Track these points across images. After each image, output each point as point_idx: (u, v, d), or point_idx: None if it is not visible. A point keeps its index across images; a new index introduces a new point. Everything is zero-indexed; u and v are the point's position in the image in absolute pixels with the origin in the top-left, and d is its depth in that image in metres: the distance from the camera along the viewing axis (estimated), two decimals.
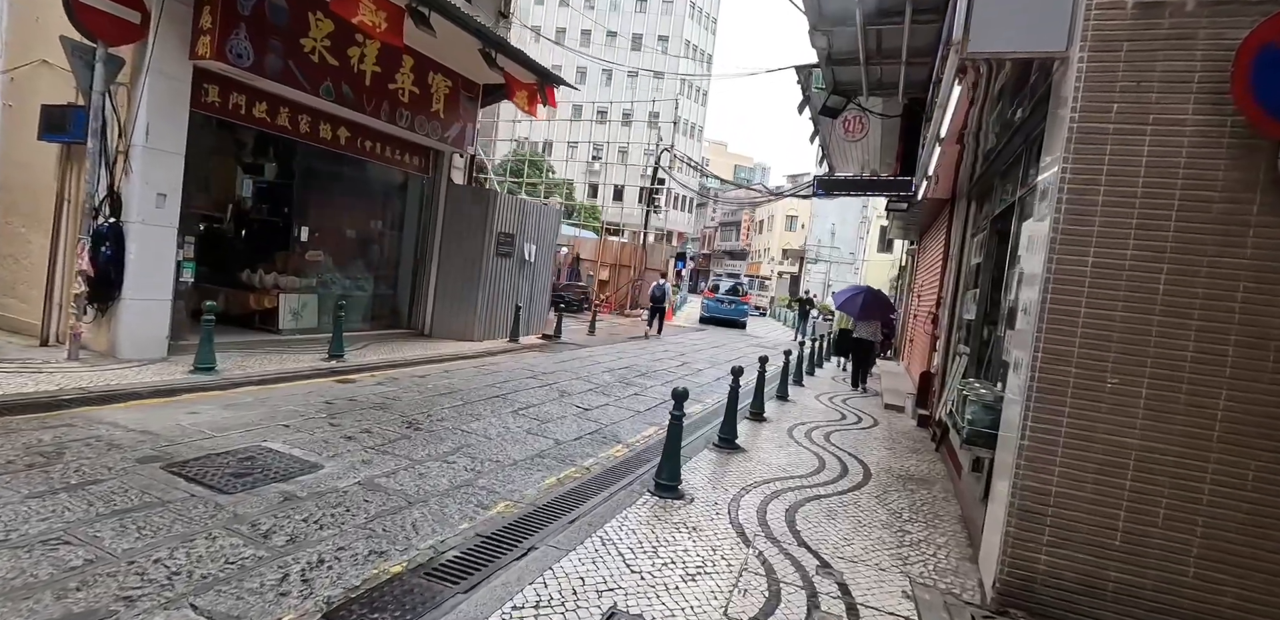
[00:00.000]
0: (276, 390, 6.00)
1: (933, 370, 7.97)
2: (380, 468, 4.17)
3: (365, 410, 5.55)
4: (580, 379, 8.43)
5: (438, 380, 7.28)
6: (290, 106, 7.78)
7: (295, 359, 7.46)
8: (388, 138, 9.21)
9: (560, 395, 7.25)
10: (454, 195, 10.50)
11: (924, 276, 12.32)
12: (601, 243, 21.45)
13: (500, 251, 10.89)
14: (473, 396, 6.62)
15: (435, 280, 10.56)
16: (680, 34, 52.03)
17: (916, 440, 6.99)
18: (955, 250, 7.72)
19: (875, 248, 35.98)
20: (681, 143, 48.98)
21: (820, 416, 7.74)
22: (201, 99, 6.86)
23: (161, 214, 6.47)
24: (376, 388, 6.55)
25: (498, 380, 7.66)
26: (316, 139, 8.30)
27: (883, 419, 8.06)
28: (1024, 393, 3.30)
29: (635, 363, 10.61)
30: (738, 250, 60.95)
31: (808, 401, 8.73)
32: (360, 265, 9.89)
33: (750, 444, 5.94)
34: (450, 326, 10.59)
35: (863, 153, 11.09)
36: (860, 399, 9.49)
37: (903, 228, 13.42)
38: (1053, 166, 3.39)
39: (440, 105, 9.41)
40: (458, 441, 4.96)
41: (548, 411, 6.39)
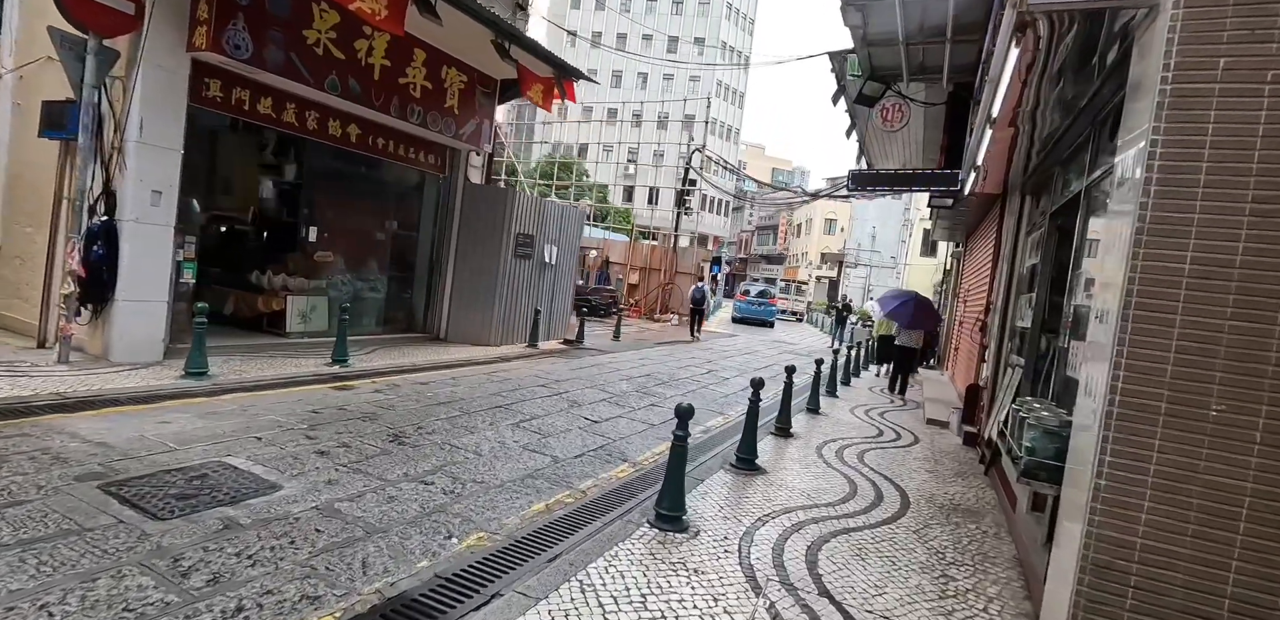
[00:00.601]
0: (265, 397, 5.66)
1: (981, 383, 7.21)
2: (345, 489, 3.73)
3: (351, 421, 5.16)
4: (595, 388, 7.93)
5: (441, 388, 6.88)
6: (297, 102, 7.52)
7: (297, 364, 7.16)
8: (401, 135, 8.92)
9: (569, 406, 6.76)
10: (471, 195, 10.16)
11: (971, 280, 11.46)
12: (631, 246, 20.99)
13: (519, 253, 10.50)
14: (473, 406, 6.18)
15: (451, 283, 10.23)
16: (717, 35, 51.43)
17: (962, 461, 6.27)
18: (1007, 251, 6.97)
19: (918, 251, 34.68)
20: (717, 145, 48.33)
21: (854, 432, 7.06)
22: (202, 94, 6.63)
23: (157, 212, 6.23)
24: (373, 396, 6.17)
25: (505, 388, 7.22)
26: (325, 136, 8.04)
27: (924, 436, 7.33)
28: (1099, 418, 2.66)
29: (658, 370, 10.07)
30: (774, 254, 59.87)
31: (841, 415, 8.05)
32: (374, 267, 9.62)
33: (772, 464, 5.33)
34: (466, 331, 10.24)
35: (904, 147, 10.34)
36: (899, 412, 8.74)
37: (947, 228, 12.56)
38: (1135, 144, 2.75)
39: (455, 101, 9.08)
40: (442, 458, 4.51)
41: (552, 424, 5.91)
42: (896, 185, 7.51)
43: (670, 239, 20.93)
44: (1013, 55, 3.74)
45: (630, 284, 20.76)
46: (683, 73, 51.94)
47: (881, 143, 9.89)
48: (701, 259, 21.58)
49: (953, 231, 12.88)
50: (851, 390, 10.35)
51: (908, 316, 10.37)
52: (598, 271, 21.17)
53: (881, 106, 7.14)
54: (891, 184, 7.47)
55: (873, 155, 10.47)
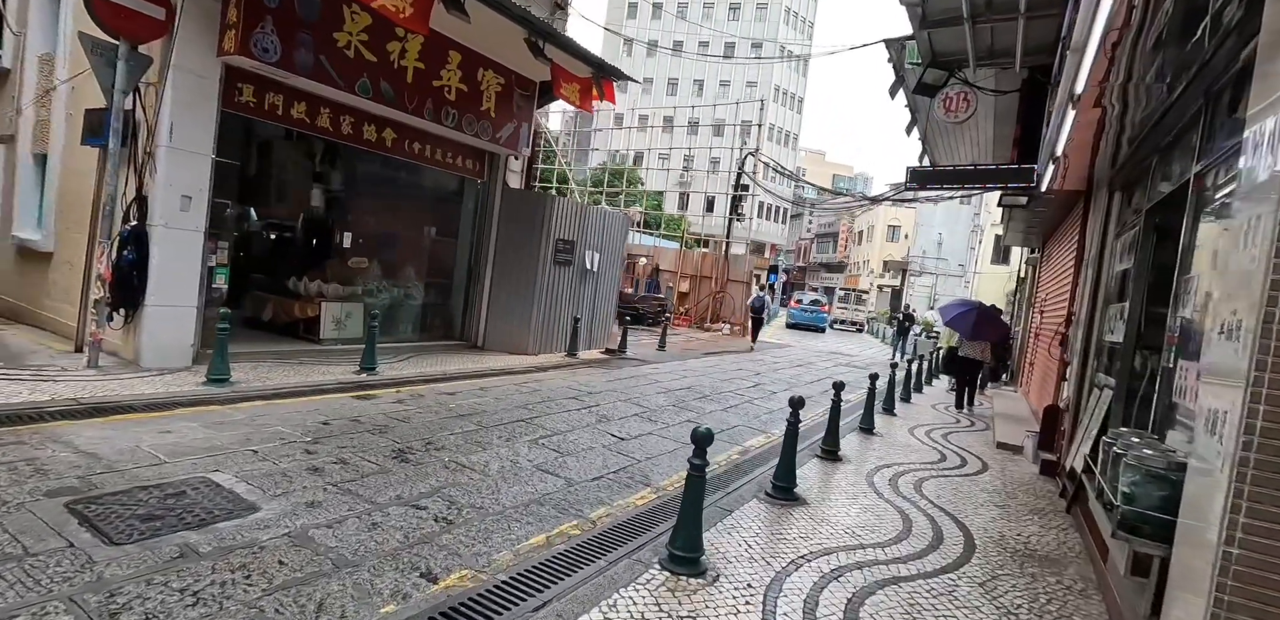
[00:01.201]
0: (279, 407, 5.48)
1: (1061, 404, 6.37)
2: (327, 513, 3.41)
3: (358, 434, 4.88)
4: (629, 401, 7.48)
5: (466, 399, 6.58)
6: (331, 107, 7.45)
7: (324, 371, 7.03)
8: (437, 139, 8.78)
9: (598, 420, 6.33)
10: (509, 200, 9.95)
11: (1048, 288, 10.43)
12: (681, 253, 20.51)
13: (558, 259, 10.21)
14: (493, 420, 5.84)
15: (489, 290, 10.02)
16: (775, 39, 50.56)
17: (1038, 495, 5.48)
18: (1092, 254, 6.14)
19: (989, 259, 32.80)
20: (775, 151, 47.36)
21: (913, 456, 6.34)
22: (235, 99, 6.60)
23: (186, 217, 6.20)
24: (391, 406, 5.92)
25: (532, 401, 6.86)
26: (360, 141, 7.95)
27: (994, 462, 6.53)
28: (1228, 463, 2.04)
29: (700, 383, 9.53)
30: (834, 262, 58.10)
31: (899, 436, 7.31)
32: (410, 273, 9.51)
33: (815, 494, 4.74)
34: (504, 339, 9.99)
35: (971, 145, 9.51)
36: (965, 433, 7.90)
37: (1022, 232, 11.52)
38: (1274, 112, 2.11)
39: (491, 104, 8.88)
40: (444, 479, 4.15)
41: (574, 441, 5.48)
42: (961, 183, 6.77)
43: (722, 246, 20.33)
44: (1101, 17, 3.10)
45: (680, 292, 20.26)
46: (739, 78, 51.32)
47: (946, 139, 9.11)
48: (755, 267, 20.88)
49: (1027, 235, 11.82)
50: (912, 408, 9.52)
51: (969, 326, 9.59)
52: (648, 279, 20.78)
53: (944, 95, 6.45)
54: (955, 181, 6.74)
55: (937, 153, 9.69)
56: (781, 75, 51.30)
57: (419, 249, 9.95)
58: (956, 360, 10.39)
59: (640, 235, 23.49)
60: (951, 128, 8.72)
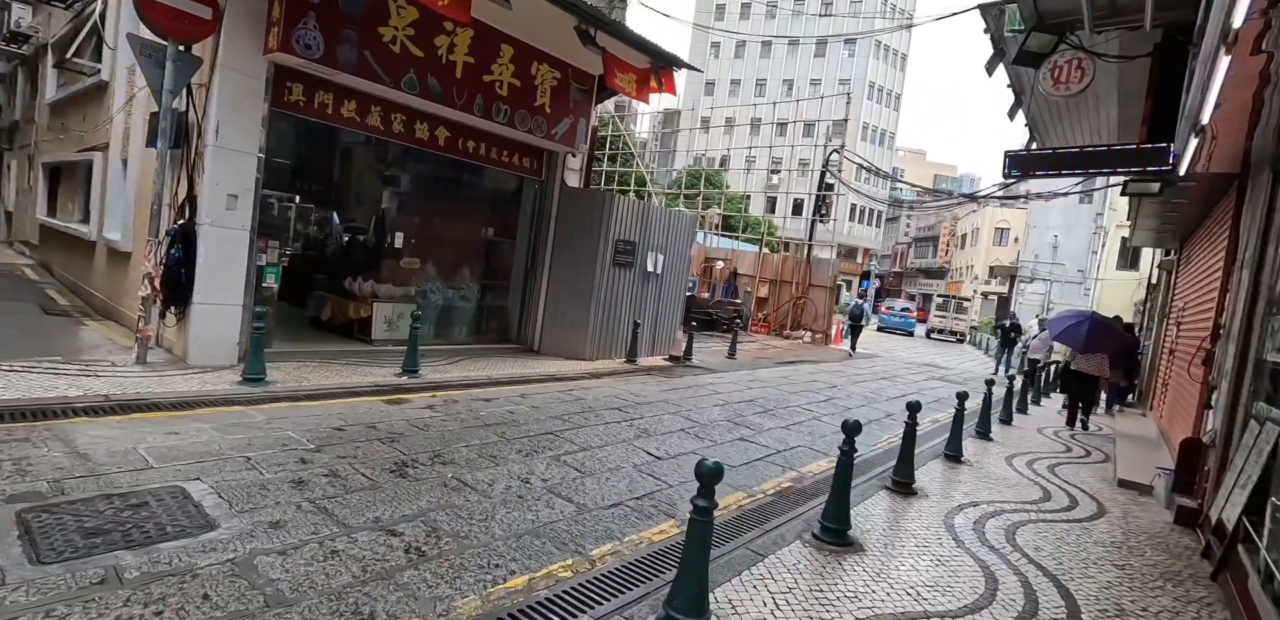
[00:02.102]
0: (303, 409, 5.29)
1: (1205, 438, 5.15)
2: (287, 536, 3.04)
3: (368, 442, 4.57)
4: (679, 415, 6.86)
5: (501, 407, 6.20)
6: (381, 104, 7.36)
7: (367, 372, 6.88)
8: (491, 137, 8.55)
9: (636, 435, 5.76)
10: (567, 199, 9.60)
11: (1188, 296, 8.85)
12: (760, 256, 19.59)
13: (618, 261, 9.75)
14: (521, 431, 5.40)
15: (545, 292, 9.70)
16: (869, 34, 48.22)
17: (1173, 553, 4.38)
18: (1248, 254, 4.91)
19: (1113, 264, 29.42)
20: (869, 151, 45.09)
21: (1007, 493, 5.33)
22: (284, 98, 6.60)
23: (232, 216, 6.22)
24: (419, 412, 5.61)
25: (572, 410, 6.39)
26: (412, 140, 7.84)
27: (1113, 505, 5.38)
28: None
29: (766, 395, 8.74)
30: (934, 268, 54.53)
31: (993, 465, 6.26)
32: (466, 275, 9.34)
33: (876, 539, 3.95)
34: (560, 343, 9.63)
35: (1090, 128, 8.18)
36: (1076, 465, 6.69)
37: (1153, 229, 9.89)
38: None
39: (546, 99, 8.56)
40: (435, 499, 3.71)
41: (601, 458, 4.94)
42: (1075, 168, 5.65)
43: (804, 249, 19.22)
44: None
45: (759, 297, 19.33)
46: (831, 76, 49.29)
47: (1058, 122, 7.87)
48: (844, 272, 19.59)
49: (1160, 234, 10.14)
50: (1014, 431, 8.28)
51: (1081, 339, 8.59)
52: (724, 284, 20.00)
53: (1051, 63, 5.40)
54: (1067, 167, 5.63)
55: (1048, 141, 8.42)
56: (876, 71, 48.90)
57: (475, 250, 9.79)
58: (1069, 375, 9.41)
59: (718, 238, 22.74)
60: (1064, 108, 7.51)
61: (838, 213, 49.22)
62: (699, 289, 20.11)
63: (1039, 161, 5.85)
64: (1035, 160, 5.87)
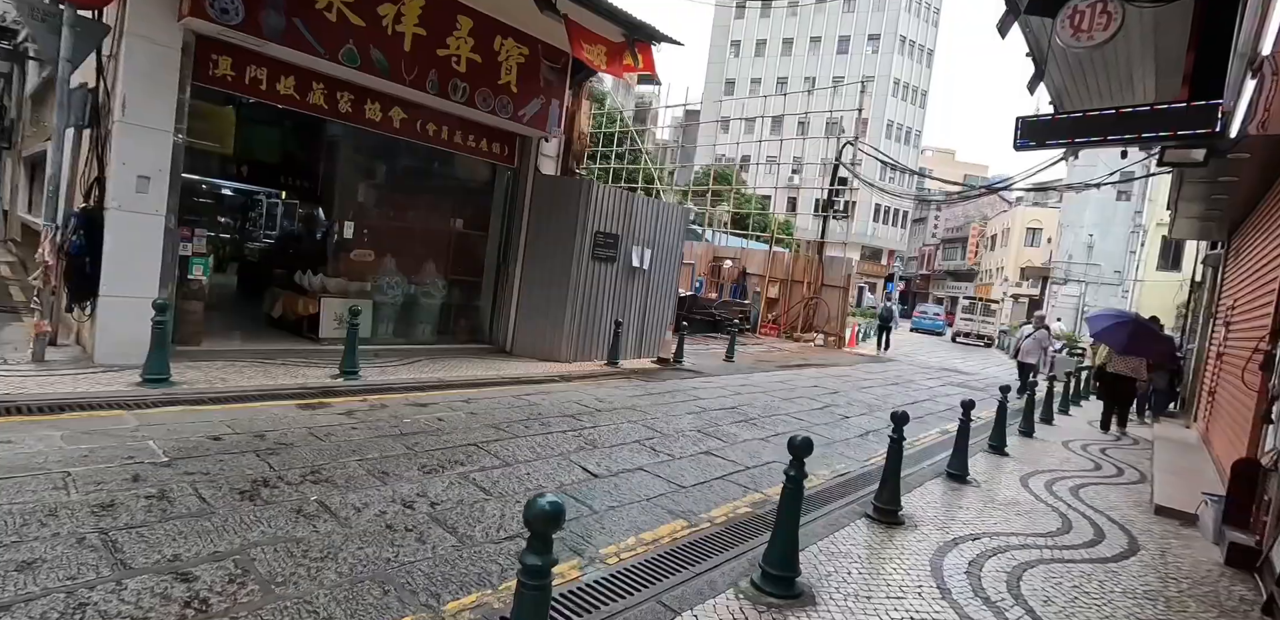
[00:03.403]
0: (197, 413, 4.65)
1: (1265, 460, 4.19)
2: (32, 581, 2.33)
3: (239, 455, 3.88)
4: (642, 423, 6.07)
5: (433, 413, 5.49)
6: (325, 81, 6.74)
7: (300, 373, 6.24)
8: (455, 120, 7.89)
9: (579, 448, 4.98)
10: (542, 188, 8.89)
11: (1238, 292, 7.78)
12: (770, 255, 18.66)
13: (598, 255, 9.00)
14: (438, 442, 4.67)
15: (518, 289, 9.00)
16: (894, 30, 46.88)
17: (1224, 607, 3.45)
18: None
19: (1153, 264, 27.71)
20: (894, 148, 43.71)
21: (1017, 522, 4.44)
22: (209, 72, 6.01)
23: (144, 200, 5.62)
24: (331, 419, 4.93)
25: (515, 418, 5.65)
26: (363, 121, 7.21)
27: (1148, 538, 4.45)
28: None
29: (754, 402, 7.89)
30: (962, 270, 52.70)
31: (1005, 486, 5.35)
32: (431, 269, 8.67)
33: (836, 587, 3.13)
34: (534, 344, 8.92)
35: (1119, 89, 7.17)
36: (1107, 487, 5.72)
37: (1196, 217, 8.80)
38: None
39: (512, 77, 7.87)
40: (275, 530, 2.99)
41: (523, 477, 4.18)
42: (1101, 135, 4.73)
43: (814, 247, 18.24)
44: None
45: (769, 298, 18.40)
46: (854, 74, 47.91)
47: (1084, 91, 6.91)
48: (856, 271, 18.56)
49: (1205, 222, 9.03)
50: (1034, 444, 7.31)
51: (1122, 340, 8.39)
52: (733, 284, 19.11)
53: (1071, 9, 4.51)
54: (1092, 132, 4.72)
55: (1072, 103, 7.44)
56: (901, 67, 47.49)
57: (442, 243, 9.13)
58: (1105, 377, 9.00)
59: (727, 236, 21.85)
60: (1091, 75, 6.56)
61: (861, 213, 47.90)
62: (706, 289, 19.27)
63: (1058, 128, 4.94)
64: (1053, 127, 4.96)
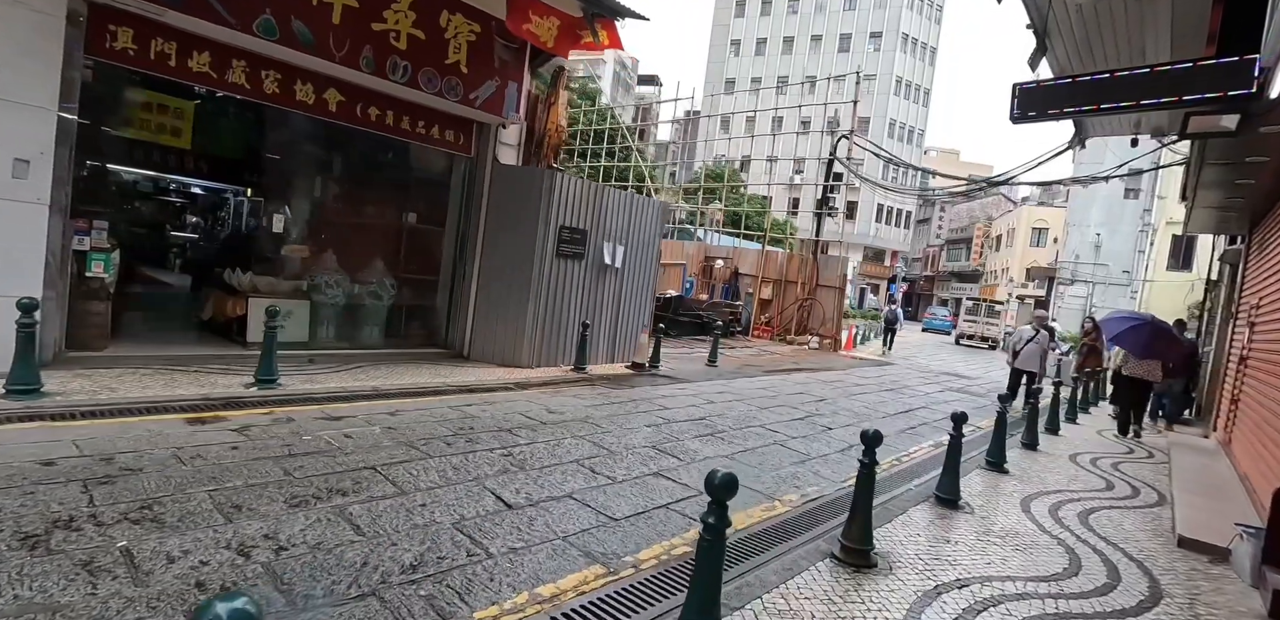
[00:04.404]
0: (56, 430, 3.98)
1: None
2: None
3: (58, 485, 3.19)
4: (589, 439, 5.36)
5: (342, 429, 4.80)
6: (246, 58, 6.09)
7: (209, 382, 5.58)
8: (401, 103, 7.23)
9: (503, 470, 4.28)
10: (501, 178, 8.22)
11: (1268, 290, 7.03)
12: (763, 254, 17.94)
13: (563, 252, 8.32)
14: (327, 466, 3.97)
15: (476, 288, 8.31)
16: (896, 28, 46.14)
17: None
18: None
19: (1163, 264, 26.87)
20: (896, 148, 42.90)
21: (1015, 560, 3.71)
22: (107, 45, 5.36)
23: (23, 186, 4.97)
24: (212, 436, 4.24)
25: (439, 434, 4.95)
26: (293, 104, 6.55)
27: (1172, 578, 3.71)
28: None
29: (727, 411, 7.18)
30: (967, 271, 51.80)
31: (1002, 512, 4.61)
32: (379, 267, 8.00)
33: None
34: (493, 348, 8.23)
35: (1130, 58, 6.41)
36: (1121, 511, 4.98)
37: (1215, 207, 8.04)
38: None
39: (461, 56, 7.20)
40: (32, 595, 2.30)
41: (415, 509, 3.48)
42: (1114, 101, 4.00)
43: (808, 246, 17.50)
44: None
45: (762, 299, 17.67)
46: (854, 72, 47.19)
47: (1090, 58, 6.18)
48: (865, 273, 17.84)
49: (1224, 213, 8.27)
50: (1039, 459, 6.56)
51: (1141, 343, 8.04)
52: (725, 284, 18.40)
53: None
54: (1102, 99, 4.00)
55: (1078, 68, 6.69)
56: (904, 65, 46.74)
57: (392, 239, 8.46)
58: (1119, 381, 8.72)
59: (720, 235, 21.14)
60: (1097, 42, 5.83)
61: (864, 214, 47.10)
62: (697, 289, 18.56)
63: (1061, 95, 4.22)
64: (1056, 94, 4.24)
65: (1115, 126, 8.70)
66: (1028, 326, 9.67)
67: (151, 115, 7.66)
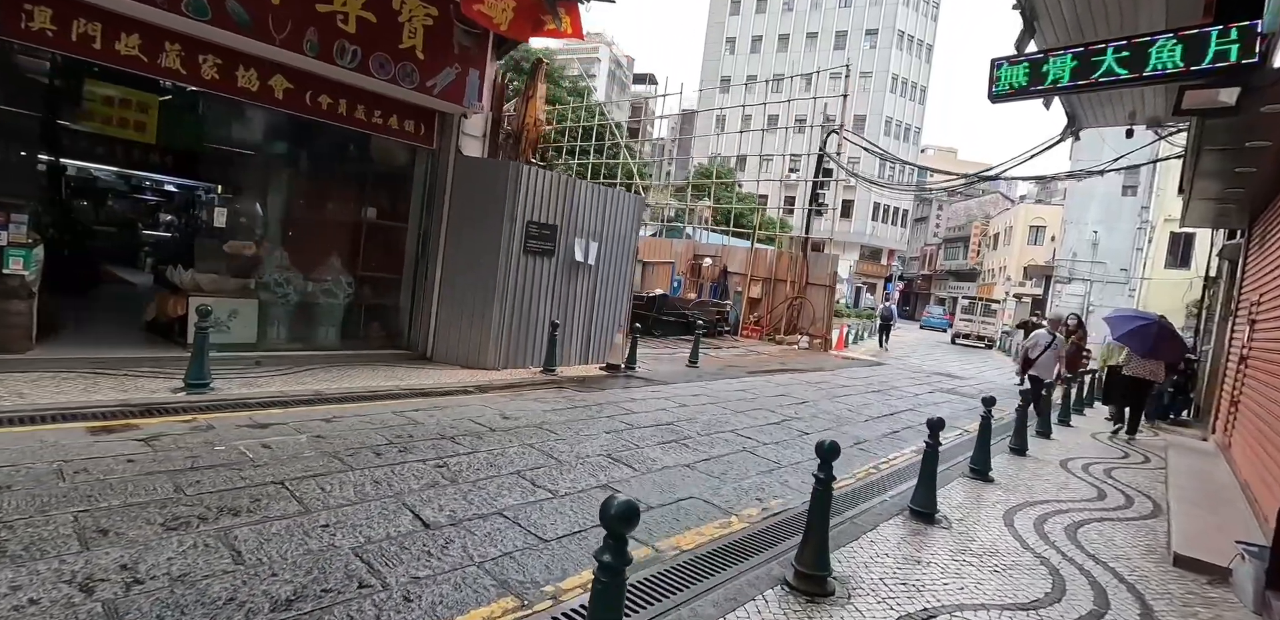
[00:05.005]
0: None
1: None
2: None
3: None
4: (539, 447, 4.98)
5: (268, 436, 4.42)
6: (181, 41, 5.70)
7: (134, 386, 5.21)
8: (354, 91, 6.84)
9: (430, 485, 3.90)
10: (464, 171, 7.84)
11: (1269, 286, 6.66)
12: (752, 252, 17.56)
13: (531, 248, 7.95)
14: (230, 481, 3.59)
15: (439, 287, 7.93)
16: (892, 25, 45.75)
17: None
18: None
19: (1161, 262, 26.52)
20: (893, 146, 42.48)
21: (992, 584, 3.34)
22: (21, 25, 4.99)
23: None
24: (109, 447, 3.86)
25: (375, 443, 4.57)
26: (235, 90, 6.17)
27: (1166, 603, 3.34)
28: None
29: (697, 415, 6.79)
30: (965, 270, 51.40)
31: (984, 526, 4.24)
32: (336, 264, 7.61)
33: None
34: (458, 349, 7.85)
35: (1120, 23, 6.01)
36: (1113, 525, 4.60)
37: (1214, 199, 7.67)
38: None
39: (416, 41, 6.82)
40: None
41: (311, 532, 3.10)
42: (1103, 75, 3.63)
43: (797, 243, 17.11)
44: None
45: (751, 298, 17.29)
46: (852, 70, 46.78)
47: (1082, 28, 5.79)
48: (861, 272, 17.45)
49: (1223, 205, 7.90)
50: (1028, 464, 6.18)
51: (1147, 343, 7.96)
52: (713, 283, 18.02)
53: None
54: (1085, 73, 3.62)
55: None
56: (900, 62, 46.36)
57: (350, 234, 8.06)
58: (1119, 381, 8.48)
59: (709, 233, 20.76)
60: (1088, 21, 5.45)
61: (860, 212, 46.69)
62: (686, 288, 18.20)
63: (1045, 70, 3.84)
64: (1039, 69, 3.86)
65: (1109, 117, 8.33)
66: (1043, 330, 8.62)
67: (95, 104, 7.28)
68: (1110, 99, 7.27)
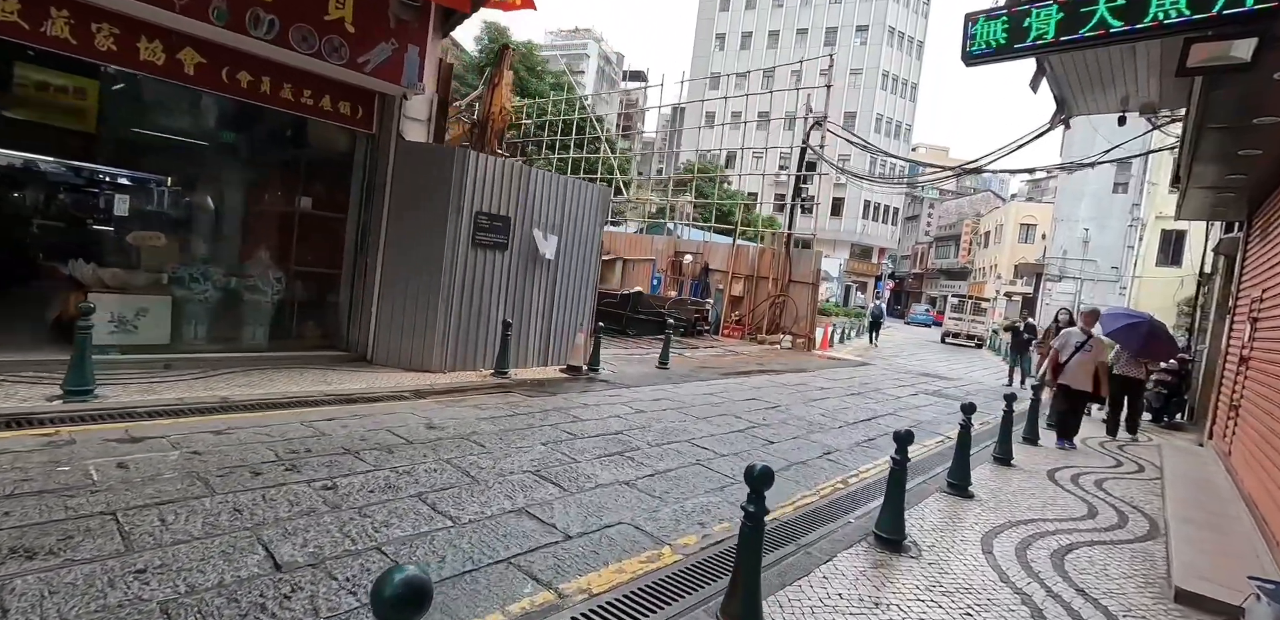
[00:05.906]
0: None
1: None
2: None
3: None
4: (456, 463, 4.40)
5: (136, 452, 3.83)
6: (71, 8, 5.10)
7: (8, 393, 4.59)
8: (281, 69, 6.25)
9: (308, 511, 3.32)
10: (406, 158, 7.23)
11: (1267, 282, 6.15)
12: (734, 249, 17.01)
13: (481, 241, 7.37)
14: (46, 512, 3.00)
15: (379, 283, 7.33)
16: (883, 21, 45.29)
17: None
18: None
19: (1152, 260, 26.19)
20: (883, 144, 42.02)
21: None
22: None
23: None
24: None
25: (261, 460, 3.98)
26: (138, 65, 5.56)
27: None
28: None
29: (652, 423, 6.23)
30: (956, 269, 51.09)
31: (959, 552, 3.68)
32: (263, 258, 6.99)
33: None
34: (400, 350, 7.25)
35: None
36: (1103, 550, 4.05)
37: (1212, 187, 7.15)
38: None
39: (345, 13, 6.21)
40: None
41: (127, 574, 2.52)
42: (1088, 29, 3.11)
43: (780, 239, 16.56)
44: None
45: (733, 296, 16.74)
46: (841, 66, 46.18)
47: None
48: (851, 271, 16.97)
49: (1221, 194, 7.38)
50: (1013, 477, 5.64)
51: (1138, 341, 7.69)
52: (694, 281, 17.47)
53: None
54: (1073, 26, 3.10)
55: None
56: (890, 59, 45.91)
57: (281, 225, 7.45)
58: (1111, 380, 7.85)
59: (689, 229, 20.19)
60: None
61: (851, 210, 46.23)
62: (665, 286, 17.64)
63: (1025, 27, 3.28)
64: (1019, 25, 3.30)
65: (1100, 103, 7.80)
66: (1075, 328, 7.26)
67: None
68: (1102, 80, 6.73)
